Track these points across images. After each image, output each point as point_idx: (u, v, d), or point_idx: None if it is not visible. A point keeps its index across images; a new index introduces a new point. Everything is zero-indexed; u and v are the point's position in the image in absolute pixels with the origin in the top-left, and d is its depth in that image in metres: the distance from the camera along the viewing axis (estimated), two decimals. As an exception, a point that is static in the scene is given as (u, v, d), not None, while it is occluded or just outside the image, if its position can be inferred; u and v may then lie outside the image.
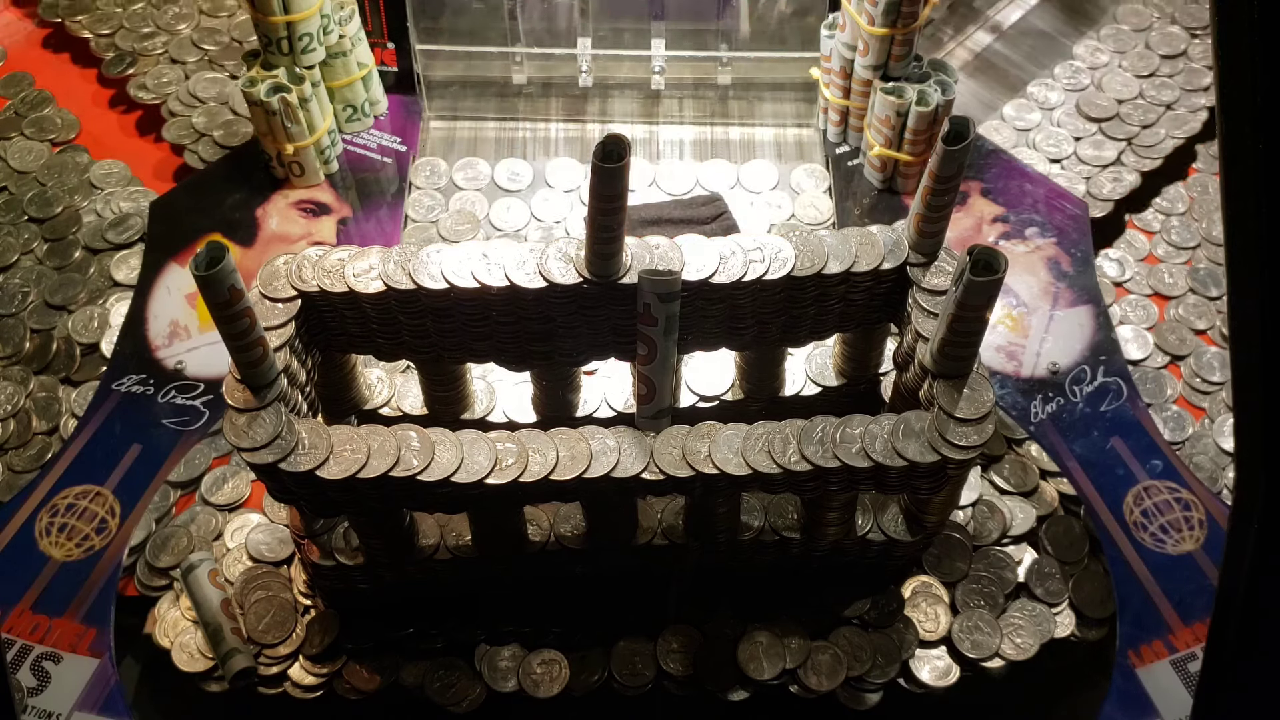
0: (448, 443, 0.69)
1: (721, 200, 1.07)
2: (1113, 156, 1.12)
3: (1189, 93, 1.16)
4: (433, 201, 1.08)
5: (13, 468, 0.92)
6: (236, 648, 0.81)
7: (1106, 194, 1.09)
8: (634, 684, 0.82)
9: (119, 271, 1.04)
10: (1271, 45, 0.49)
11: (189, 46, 1.19)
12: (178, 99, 1.15)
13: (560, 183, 1.09)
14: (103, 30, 1.21)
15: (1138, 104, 1.15)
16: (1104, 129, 1.14)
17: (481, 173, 1.10)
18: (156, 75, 1.17)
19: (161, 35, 1.20)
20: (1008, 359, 0.96)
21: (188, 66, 1.18)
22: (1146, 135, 1.13)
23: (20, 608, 0.83)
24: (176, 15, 1.22)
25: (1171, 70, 1.18)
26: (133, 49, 1.19)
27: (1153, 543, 0.87)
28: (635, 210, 1.06)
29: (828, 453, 0.69)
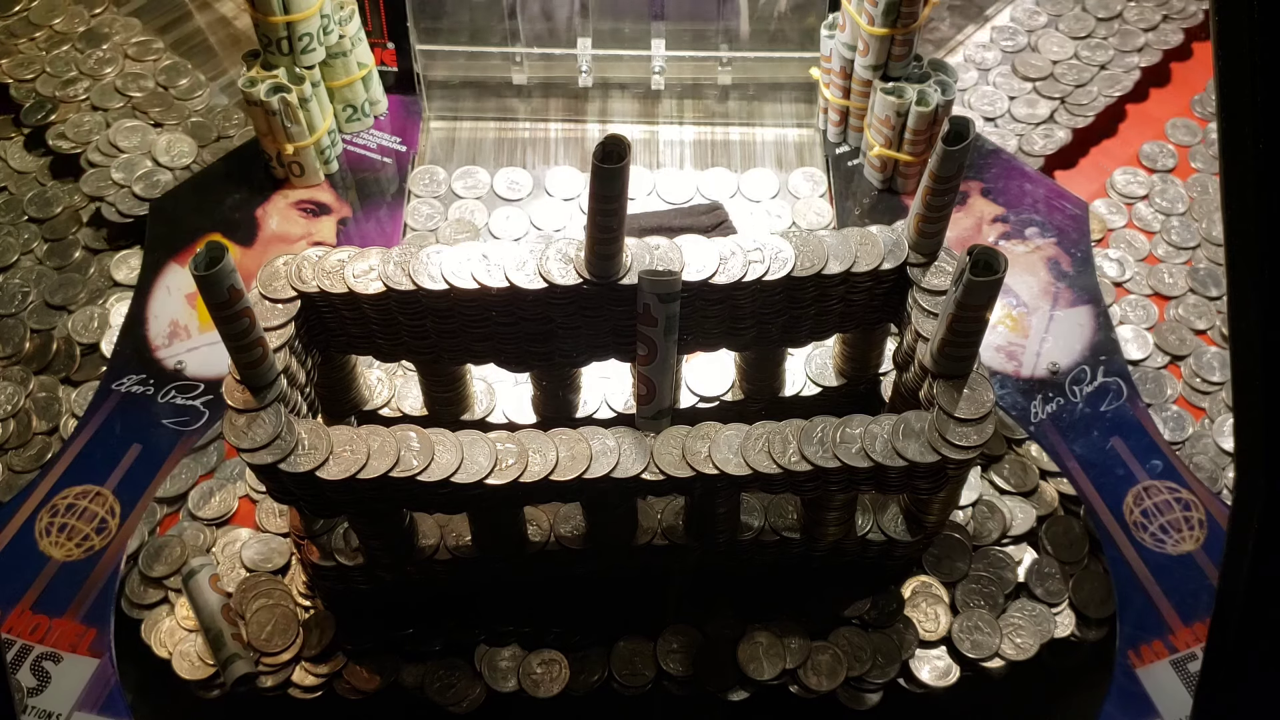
0: (447, 443, 0.69)
1: (722, 209, 1.07)
2: (1045, 114, 1.14)
3: (1123, 53, 1.18)
4: (431, 210, 1.07)
5: (13, 468, 0.92)
6: (237, 653, 0.81)
7: (1038, 150, 1.12)
8: (634, 684, 0.82)
9: (119, 271, 1.04)
10: (1271, 45, 0.49)
11: (112, 93, 1.14)
12: (98, 149, 1.10)
13: (560, 191, 1.09)
14: (24, 75, 1.15)
15: (1072, 64, 1.18)
16: (1038, 88, 1.16)
17: (480, 181, 1.10)
18: (77, 123, 1.11)
19: (84, 80, 1.14)
20: (1008, 359, 0.96)
21: (110, 114, 1.12)
22: (1080, 94, 1.15)
23: (20, 608, 0.83)
24: (100, 60, 1.16)
25: (1107, 32, 1.20)
26: (54, 95, 1.13)
27: (1153, 543, 0.87)
28: (635, 219, 1.06)
29: (828, 453, 0.69)
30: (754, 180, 1.10)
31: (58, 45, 1.18)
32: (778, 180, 1.10)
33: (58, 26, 1.19)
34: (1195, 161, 1.13)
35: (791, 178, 1.10)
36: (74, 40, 1.18)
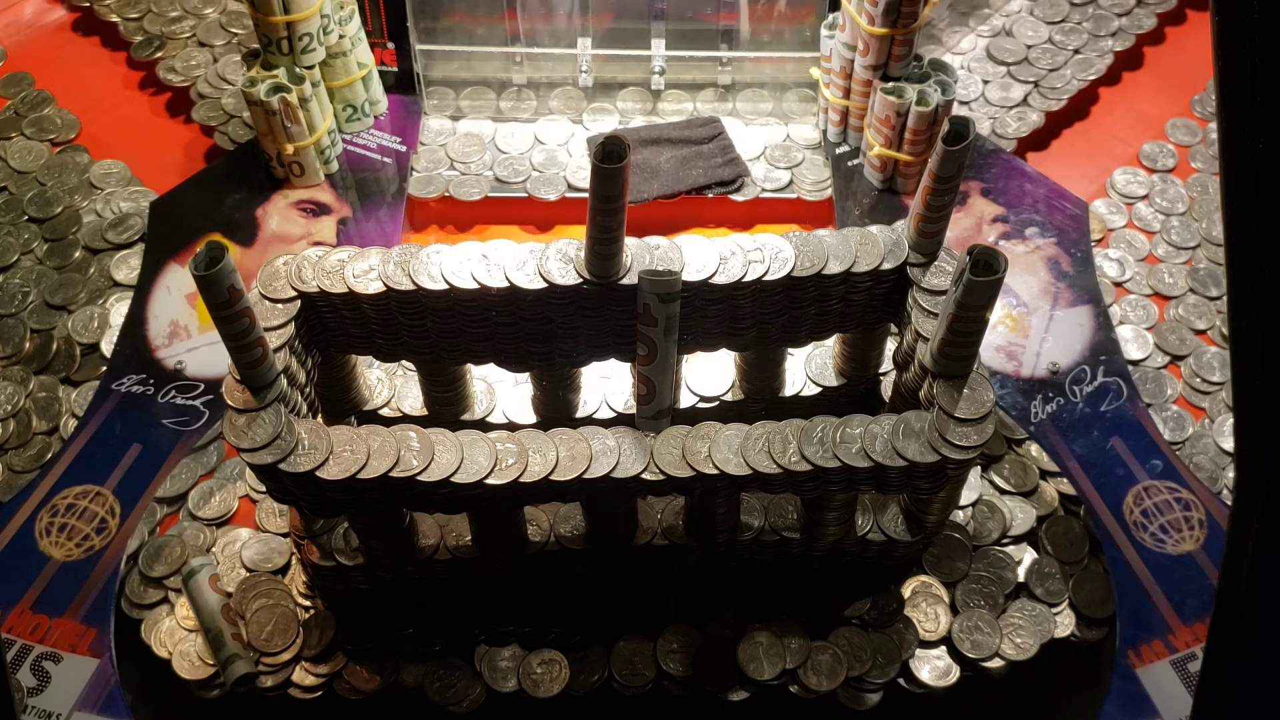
0: (447, 443, 0.69)
1: (718, 122, 1.11)
2: (1019, 98, 1.15)
3: (1096, 38, 1.19)
4: (441, 126, 1.12)
5: (13, 468, 0.92)
6: (237, 653, 0.81)
7: (1011, 133, 1.13)
8: (634, 684, 0.82)
9: (119, 271, 1.04)
10: (1271, 45, 0.49)
11: (217, 30, 1.20)
12: (206, 81, 1.16)
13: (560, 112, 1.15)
14: (130, 14, 1.22)
15: (1046, 48, 1.19)
16: (1012, 72, 1.17)
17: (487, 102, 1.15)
18: (185, 58, 1.18)
19: (189, 19, 1.21)
20: (1008, 359, 0.96)
21: (215, 50, 1.19)
22: (1053, 78, 1.16)
23: (20, 608, 0.83)
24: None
25: (1081, 17, 1.21)
26: (161, 33, 1.20)
27: (1153, 543, 0.87)
28: (634, 131, 1.11)
29: (828, 453, 0.69)
30: (747, 99, 1.15)
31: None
32: (771, 104, 1.14)
33: None
34: (1195, 161, 1.13)
35: (785, 99, 1.14)
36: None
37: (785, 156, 1.11)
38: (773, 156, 1.11)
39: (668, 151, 1.08)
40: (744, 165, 1.08)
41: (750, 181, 1.08)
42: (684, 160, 1.08)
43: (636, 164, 1.07)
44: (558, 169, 1.10)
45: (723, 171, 1.07)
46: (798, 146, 1.12)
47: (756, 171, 1.09)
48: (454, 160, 1.10)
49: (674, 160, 1.08)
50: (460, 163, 1.10)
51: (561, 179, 1.09)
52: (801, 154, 1.11)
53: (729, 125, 1.12)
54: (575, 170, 1.09)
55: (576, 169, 1.09)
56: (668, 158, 1.08)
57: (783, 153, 1.11)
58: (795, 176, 1.09)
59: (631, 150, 0.64)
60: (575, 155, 1.11)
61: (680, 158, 1.08)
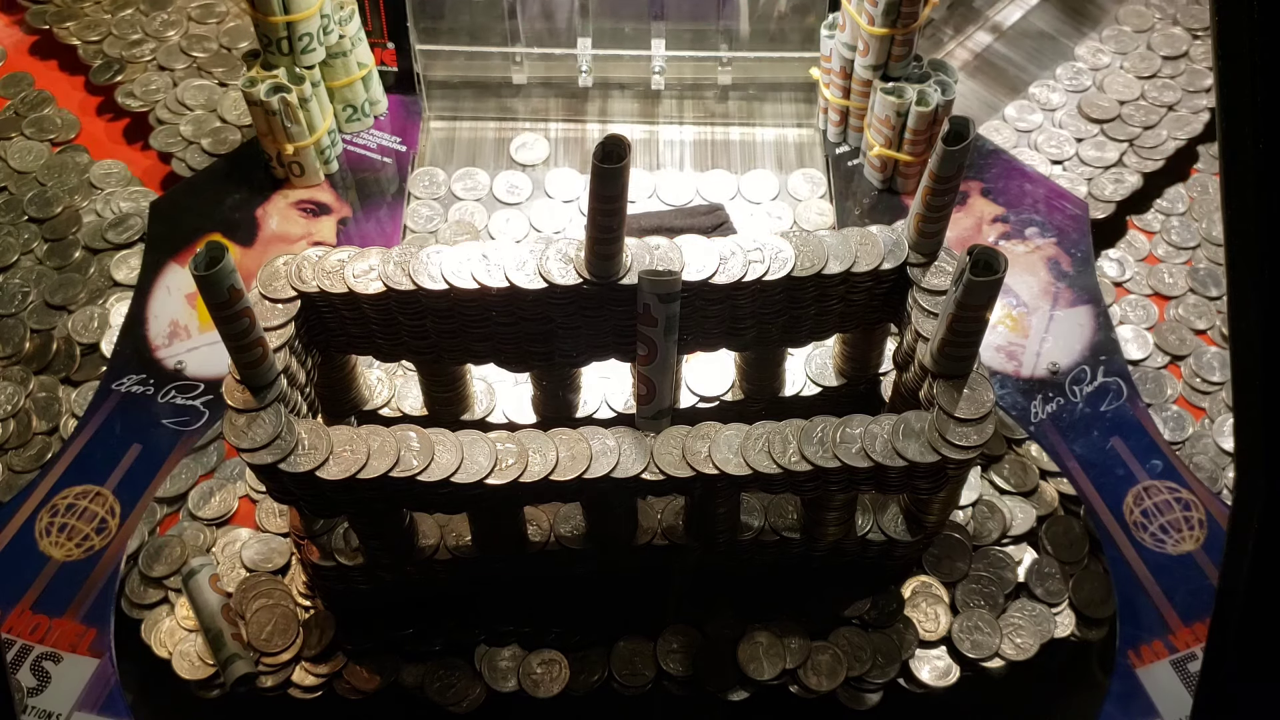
0: (447, 443, 0.69)
1: (723, 210, 1.07)
2: (1114, 158, 1.12)
3: (1190, 94, 1.16)
4: (431, 212, 1.07)
5: (13, 468, 0.92)
6: (237, 653, 0.81)
7: (1108, 195, 1.09)
8: (634, 684, 0.82)
9: (119, 271, 1.04)
10: (1271, 45, 0.49)
11: (177, 53, 1.18)
12: (165, 106, 1.14)
13: (559, 193, 1.09)
14: (90, 37, 1.20)
15: (1139, 105, 1.15)
16: (1105, 130, 1.14)
17: (480, 183, 1.10)
18: (144, 83, 1.16)
19: (149, 42, 1.19)
20: (1008, 359, 0.96)
21: (176, 74, 1.17)
22: (1148, 136, 1.13)
23: (20, 608, 0.83)
24: (165, 22, 1.20)
25: (1173, 71, 1.18)
26: (120, 56, 1.18)
27: (1153, 543, 0.87)
28: (635, 219, 1.06)
29: (828, 453, 0.69)
30: (754, 181, 1.10)
31: (122, 8, 1.22)
32: (777, 182, 1.10)
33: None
34: (1197, 162, 1.13)
35: (790, 179, 1.10)
36: (138, 3, 1.22)
37: None
38: None
39: None
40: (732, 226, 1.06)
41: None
42: None
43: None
44: None
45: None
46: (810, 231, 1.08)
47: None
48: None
49: None
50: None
51: None
52: None
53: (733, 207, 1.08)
54: None
55: None
56: None
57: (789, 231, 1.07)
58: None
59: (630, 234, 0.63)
60: None
61: None
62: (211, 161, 1.09)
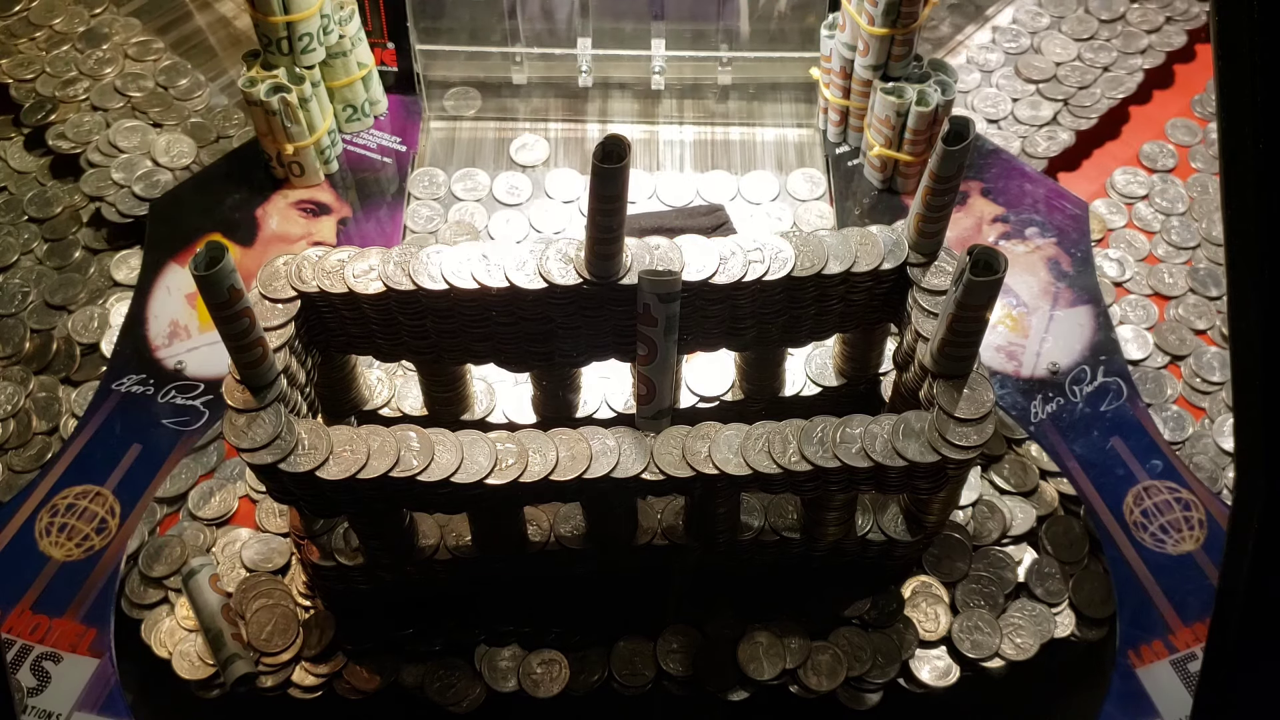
0: (447, 443, 0.69)
1: (723, 210, 1.07)
2: (1049, 116, 1.14)
3: (1126, 55, 1.18)
4: (431, 212, 1.07)
5: (13, 468, 0.92)
6: (237, 653, 0.81)
7: (1041, 152, 1.12)
8: (634, 684, 0.82)
9: (119, 271, 1.04)
10: (1271, 45, 0.49)
11: (111, 93, 1.14)
12: (97, 149, 1.10)
13: (560, 194, 1.09)
14: (24, 76, 1.15)
15: (1075, 66, 1.18)
16: (1041, 90, 1.16)
17: (480, 184, 1.10)
18: (77, 123, 1.11)
19: (84, 81, 1.14)
20: (1008, 359, 0.96)
21: (110, 114, 1.12)
22: (1083, 96, 1.15)
23: (20, 608, 0.83)
24: (100, 60, 1.16)
25: (1110, 34, 1.20)
26: (54, 95, 1.13)
27: (1153, 543, 0.87)
28: (635, 219, 1.06)
29: (828, 453, 0.69)
30: (753, 182, 1.10)
31: (58, 45, 1.17)
32: (777, 183, 1.10)
33: (58, 26, 1.19)
34: (1195, 161, 1.13)
35: (790, 179, 1.10)
36: (74, 40, 1.18)
37: None
38: None
39: None
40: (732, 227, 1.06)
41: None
42: None
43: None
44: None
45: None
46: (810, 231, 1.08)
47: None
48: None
49: None
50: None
51: None
52: None
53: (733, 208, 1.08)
54: None
55: None
56: None
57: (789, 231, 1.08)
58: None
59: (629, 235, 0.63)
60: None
61: None
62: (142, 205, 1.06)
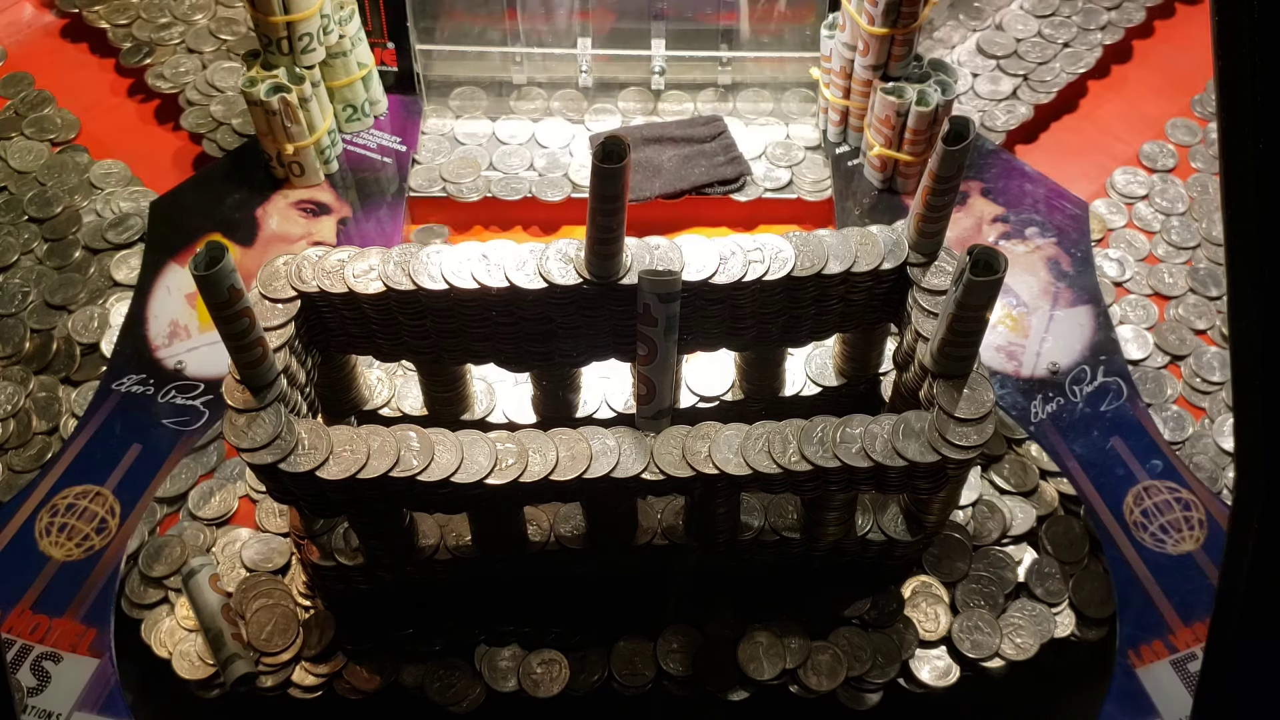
0: (447, 443, 0.69)
1: (721, 121, 1.11)
2: (1008, 91, 1.15)
3: (1086, 31, 1.20)
4: (437, 146, 1.11)
5: (13, 468, 0.92)
6: (238, 653, 0.81)
7: (1000, 126, 1.13)
8: (634, 684, 0.82)
9: (119, 271, 1.04)
10: (1271, 45, 0.49)
11: (206, 36, 1.20)
12: (195, 88, 1.16)
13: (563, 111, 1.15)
14: (120, 20, 1.21)
15: (1035, 42, 1.19)
16: (1001, 65, 1.17)
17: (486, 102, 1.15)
18: (174, 65, 1.17)
19: (178, 25, 1.21)
20: (1008, 359, 0.96)
21: (205, 56, 1.18)
22: (1043, 70, 1.17)
23: (20, 608, 0.83)
24: (193, 5, 1.22)
25: (1071, 10, 1.22)
26: (150, 39, 1.20)
27: (1153, 543, 0.87)
28: (636, 129, 1.11)
29: (828, 453, 0.69)
30: (747, 98, 1.15)
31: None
32: (772, 104, 1.15)
33: None
34: (1195, 161, 1.13)
35: (783, 101, 1.15)
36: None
37: (785, 155, 1.11)
38: (773, 155, 1.11)
39: (670, 150, 1.08)
40: (746, 164, 1.08)
41: (752, 180, 1.08)
42: (686, 159, 1.08)
43: (638, 162, 1.07)
44: (560, 170, 1.10)
45: (725, 170, 1.07)
46: (798, 146, 1.12)
47: (757, 170, 1.09)
48: (447, 181, 1.09)
49: (676, 159, 1.08)
50: (453, 183, 1.08)
51: (566, 180, 1.09)
52: (802, 153, 1.11)
53: (730, 125, 1.12)
54: (577, 169, 1.09)
55: (579, 167, 1.09)
56: (670, 156, 1.08)
57: (783, 151, 1.11)
58: (795, 176, 1.09)
59: (633, 148, 0.64)
60: (577, 155, 1.11)
61: (683, 156, 1.08)
62: (242, 142, 1.11)
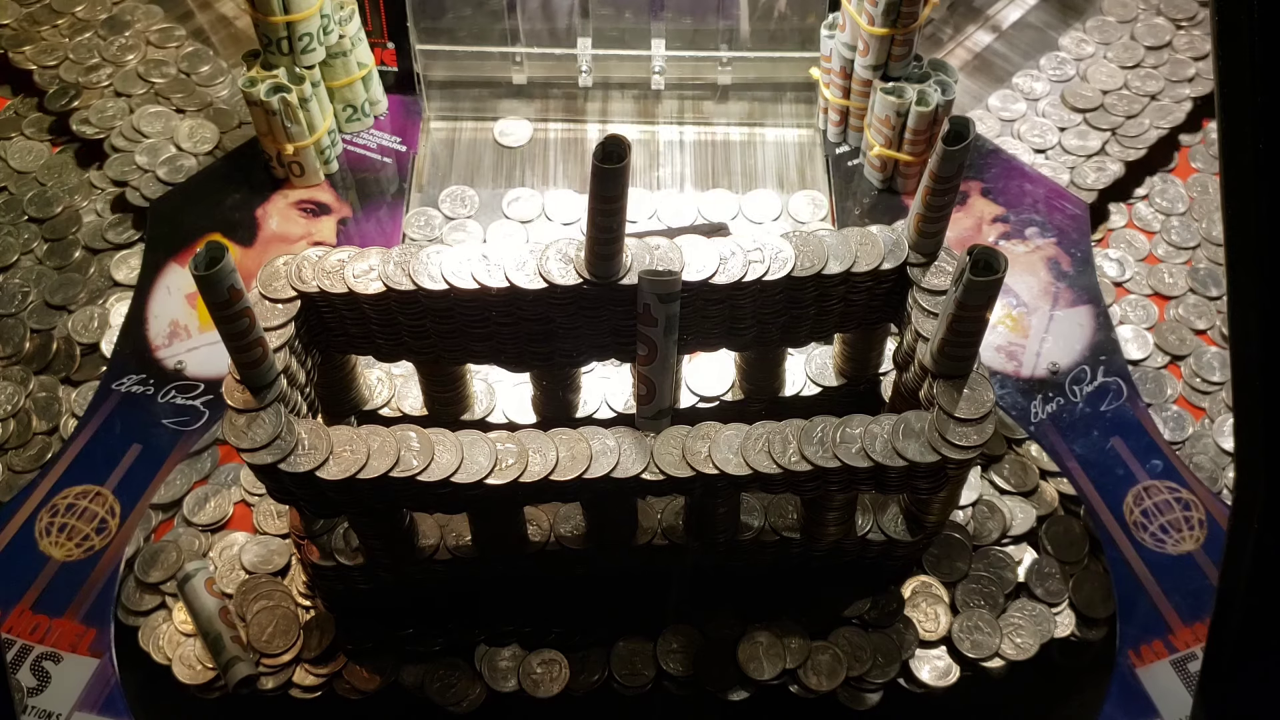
0: (447, 443, 0.69)
1: (726, 228, 1.07)
2: (1097, 146, 1.12)
3: (1173, 83, 1.17)
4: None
5: (13, 468, 0.92)
6: (238, 655, 0.81)
7: (1091, 183, 1.10)
8: (634, 684, 0.82)
9: (119, 271, 1.04)
10: (1271, 45, 0.49)
11: (134, 79, 1.15)
12: (121, 134, 1.11)
13: (559, 216, 1.08)
14: (47, 62, 1.16)
15: (1122, 94, 1.16)
16: (1088, 119, 1.14)
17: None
18: (100, 109, 1.12)
19: (107, 68, 1.15)
20: (1008, 359, 0.96)
21: (133, 100, 1.13)
22: (1131, 125, 1.14)
23: (20, 608, 0.83)
24: (123, 46, 1.17)
25: (1156, 61, 1.19)
26: (77, 81, 1.14)
27: (1153, 543, 0.87)
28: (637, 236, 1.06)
29: (828, 453, 0.69)
30: (756, 201, 1.09)
31: (80, 32, 1.19)
32: (779, 203, 1.09)
33: (79, 13, 1.20)
34: (1195, 161, 1.13)
35: (792, 201, 1.09)
36: (96, 27, 1.19)
37: None
38: None
39: None
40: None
41: None
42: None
43: None
44: None
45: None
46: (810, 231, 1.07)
47: None
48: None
49: None
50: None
51: None
52: None
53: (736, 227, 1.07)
54: None
55: None
56: None
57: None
58: None
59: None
60: None
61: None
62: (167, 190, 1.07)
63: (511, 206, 1.08)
